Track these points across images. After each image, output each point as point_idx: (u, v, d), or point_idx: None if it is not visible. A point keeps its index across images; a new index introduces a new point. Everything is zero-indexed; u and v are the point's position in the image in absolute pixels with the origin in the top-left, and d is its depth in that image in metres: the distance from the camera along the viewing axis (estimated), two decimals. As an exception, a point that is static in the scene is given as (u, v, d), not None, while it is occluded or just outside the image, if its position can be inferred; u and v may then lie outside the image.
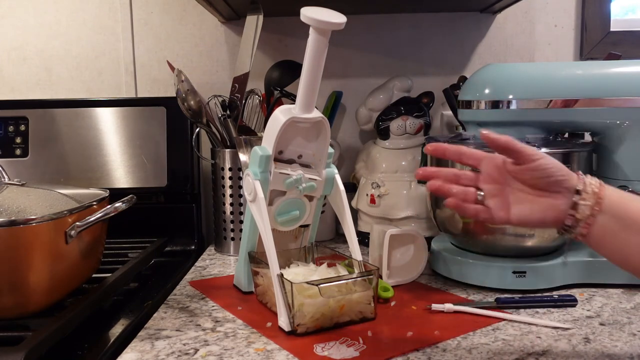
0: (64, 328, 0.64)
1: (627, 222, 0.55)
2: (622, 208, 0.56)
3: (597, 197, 0.56)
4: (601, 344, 0.63)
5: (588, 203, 0.56)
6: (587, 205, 0.56)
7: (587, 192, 0.57)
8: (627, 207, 0.56)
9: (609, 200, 0.56)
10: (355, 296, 0.69)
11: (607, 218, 0.56)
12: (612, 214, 0.56)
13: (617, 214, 0.56)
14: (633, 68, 0.81)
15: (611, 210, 0.56)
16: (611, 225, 0.56)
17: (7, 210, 0.67)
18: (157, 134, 1.09)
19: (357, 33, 1.19)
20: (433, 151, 0.64)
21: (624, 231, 0.55)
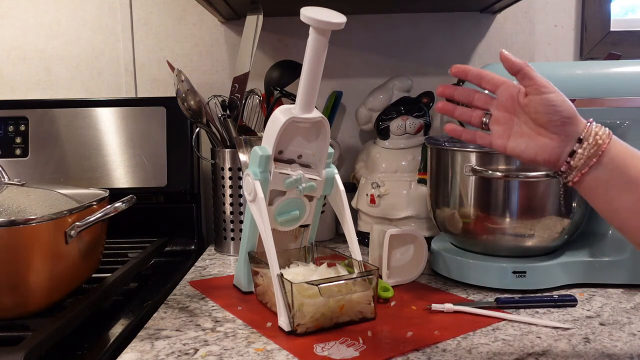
0: (64, 328, 0.64)
1: (623, 179, 0.55)
2: (623, 164, 0.55)
3: (598, 149, 0.55)
4: (601, 344, 0.63)
5: (586, 154, 0.55)
6: (584, 156, 0.56)
7: (588, 142, 0.55)
8: (627, 164, 0.55)
9: (610, 155, 0.55)
10: (355, 296, 0.69)
11: (604, 171, 0.55)
12: (611, 167, 0.55)
13: (616, 169, 0.55)
14: (633, 68, 0.81)
15: (610, 164, 0.55)
16: (606, 178, 0.55)
17: (7, 210, 0.67)
18: (157, 134, 1.09)
19: (357, 33, 1.19)
20: (456, 72, 0.63)
21: (617, 187, 0.55)
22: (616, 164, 0.55)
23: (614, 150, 0.55)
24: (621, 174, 0.55)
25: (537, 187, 0.79)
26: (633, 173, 0.54)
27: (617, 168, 0.55)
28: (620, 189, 0.55)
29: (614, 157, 0.55)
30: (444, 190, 0.86)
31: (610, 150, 0.55)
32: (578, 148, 0.56)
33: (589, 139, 0.56)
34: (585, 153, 0.56)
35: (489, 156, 0.80)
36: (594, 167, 0.55)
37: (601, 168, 0.55)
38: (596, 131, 0.56)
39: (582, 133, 0.56)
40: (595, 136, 0.56)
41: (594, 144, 0.55)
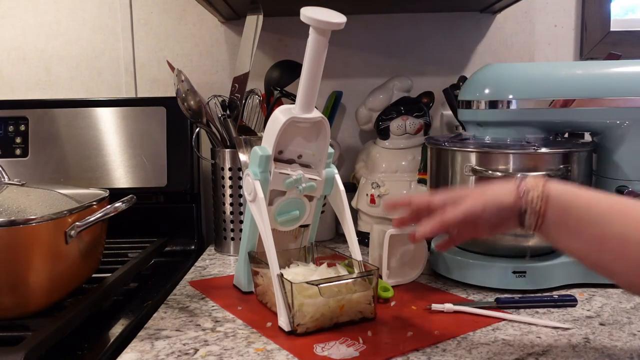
0: (64, 328, 0.64)
1: (570, 231, 0.57)
2: (562, 217, 0.57)
3: (540, 213, 0.57)
4: (601, 344, 0.63)
5: (532, 220, 0.58)
6: (531, 222, 0.58)
7: (530, 209, 0.58)
8: (565, 215, 0.57)
9: (551, 212, 0.57)
10: (355, 296, 0.69)
11: (552, 227, 0.57)
12: (555, 222, 0.57)
13: (560, 222, 0.57)
14: (633, 68, 0.81)
15: (554, 219, 0.57)
16: (557, 232, 0.57)
17: (7, 210, 0.67)
18: (157, 134, 1.09)
19: (357, 33, 1.19)
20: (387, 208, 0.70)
21: (567, 238, 0.57)
22: (555, 221, 0.57)
23: (551, 210, 0.57)
24: (561, 233, 0.57)
25: (537, 187, 0.79)
26: (571, 227, 0.56)
27: (556, 224, 0.57)
28: (569, 240, 0.57)
29: (552, 216, 0.57)
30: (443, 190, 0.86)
31: (548, 210, 0.57)
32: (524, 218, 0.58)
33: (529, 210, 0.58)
34: (530, 217, 0.58)
35: (489, 156, 0.80)
36: (543, 224, 0.57)
37: (549, 225, 0.57)
38: (532, 197, 0.57)
39: (522, 207, 0.58)
40: (532, 202, 0.57)
41: (532, 210, 0.57)
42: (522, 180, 0.59)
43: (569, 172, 0.80)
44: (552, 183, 0.58)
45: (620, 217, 0.53)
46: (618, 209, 0.54)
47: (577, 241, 0.56)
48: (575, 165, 0.81)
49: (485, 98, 0.82)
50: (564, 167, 0.79)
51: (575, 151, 0.81)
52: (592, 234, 0.55)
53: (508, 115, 0.81)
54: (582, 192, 0.57)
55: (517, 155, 0.79)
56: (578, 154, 0.81)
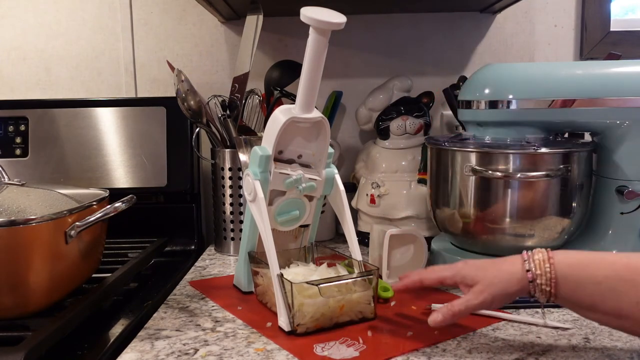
0: (64, 328, 0.64)
1: (581, 310, 0.58)
2: (573, 296, 0.57)
3: (550, 294, 0.58)
4: (601, 344, 0.63)
5: (543, 299, 0.58)
6: (542, 300, 0.59)
7: (540, 292, 0.58)
8: (577, 298, 0.57)
9: (562, 292, 0.57)
10: (355, 296, 0.69)
11: (567, 304, 0.58)
12: (568, 300, 0.58)
13: (573, 300, 0.57)
14: (633, 68, 0.81)
15: (567, 297, 0.57)
16: (572, 307, 0.58)
17: (7, 210, 0.67)
18: (157, 134, 1.09)
19: (357, 33, 1.19)
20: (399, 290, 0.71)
21: (584, 311, 0.58)
22: (568, 298, 0.57)
23: (562, 291, 0.57)
24: (577, 307, 0.58)
25: (537, 187, 0.79)
26: (585, 303, 0.57)
27: (570, 301, 0.58)
28: (583, 312, 0.58)
29: (564, 295, 0.57)
30: (444, 190, 0.86)
31: (559, 292, 0.57)
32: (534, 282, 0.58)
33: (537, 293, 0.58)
34: (542, 298, 0.59)
35: (489, 156, 0.80)
36: (557, 294, 0.58)
37: (562, 297, 0.58)
38: (540, 283, 0.58)
39: (531, 292, 0.59)
40: (542, 287, 0.58)
41: (543, 292, 0.58)
42: (529, 261, 0.59)
43: (569, 172, 0.80)
44: (559, 262, 0.57)
45: (632, 285, 0.53)
46: (628, 277, 0.54)
47: (594, 314, 0.57)
48: (575, 165, 0.81)
49: (485, 98, 0.82)
50: (564, 167, 0.79)
51: (575, 151, 0.81)
52: (607, 307, 0.55)
53: (508, 115, 0.81)
54: (590, 265, 0.56)
55: (517, 155, 0.79)
56: (578, 154, 0.81)
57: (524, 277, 0.58)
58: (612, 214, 0.83)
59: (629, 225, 0.81)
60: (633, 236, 0.81)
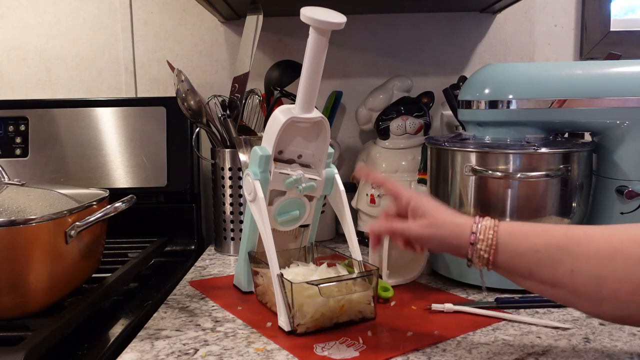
0: (64, 328, 0.64)
1: (518, 278, 0.58)
2: (511, 264, 0.57)
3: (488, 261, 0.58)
4: (601, 344, 0.63)
5: (479, 265, 0.59)
6: (479, 266, 0.59)
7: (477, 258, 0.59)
8: (514, 265, 0.57)
9: (500, 260, 0.58)
10: (355, 296, 0.69)
11: (503, 272, 0.59)
12: (505, 268, 0.58)
13: (510, 268, 0.58)
14: (633, 68, 0.81)
15: (504, 266, 0.58)
16: (509, 275, 0.59)
17: (7, 210, 0.67)
18: (157, 134, 1.09)
19: (357, 33, 1.19)
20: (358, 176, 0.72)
21: (520, 280, 0.58)
22: (506, 267, 0.58)
23: (500, 258, 0.58)
24: (514, 275, 0.58)
25: (537, 187, 0.79)
26: (522, 272, 0.57)
27: (508, 269, 0.58)
28: (520, 280, 0.58)
29: (502, 263, 0.58)
30: (444, 190, 0.86)
31: (497, 259, 0.58)
32: (475, 246, 0.59)
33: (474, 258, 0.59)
34: (478, 263, 0.59)
35: (489, 156, 0.80)
36: (494, 262, 0.58)
37: (498, 265, 0.58)
38: (479, 248, 0.58)
39: (468, 254, 0.59)
40: (480, 252, 0.58)
41: (481, 258, 0.59)
42: (477, 225, 0.59)
43: (569, 172, 0.80)
44: (502, 230, 0.58)
45: (568, 254, 0.54)
46: (565, 246, 0.54)
47: (530, 282, 0.57)
48: (575, 165, 0.81)
49: (485, 98, 0.82)
50: (564, 167, 0.79)
51: (575, 151, 0.81)
52: (543, 276, 0.55)
53: (508, 115, 0.81)
54: (530, 234, 0.57)
55: (517, 155, 0.79)
56: (578, 154, 0.81)
57: (467, 237, 0.59)
58: (612, 214, 0.82)
59: (629, 225, 0.81)
60: (633, 236, 0.81)
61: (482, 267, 0.59)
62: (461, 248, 0.60)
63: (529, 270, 0.56)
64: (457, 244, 0.60)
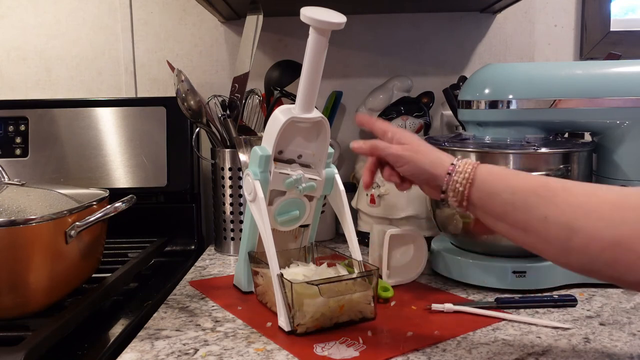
0: (64, 328, 0.64)
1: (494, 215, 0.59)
2: (486, 204, 0.59)
3: (461, 196, 0.60)
4: (601, 344, 0.63)
5: (453, 199, 0.61)
6: (453, 200, 0.61)
7: (453, 191, 0.60)
8: (490, 203, 0.58)
9: (473, 199, 0.59)
10: (355, 296, 0.69)
11: (477, 210, 0.60)
12: (478, 206, 0.59)
13: (482, 208, 0.59)
14: (633, 68, 0.81)
15: (476, 204, 0.59)
16: (482, 215, 0.60)
17: (7, 210, 0.67)
18: (157, 134, 1.09)
19: (357, 33, 1.19)
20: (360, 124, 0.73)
21: (489, 219, 0.59)
22: (480, 205, 0.59)
23: (476, 194, 0.59)
24: (486, 215, 0.60)
25: (537, 187, 0.79)
26: (496, 212, 0.58)
27: (482, 207, 0.59)
28: (492, 221, 0.59)
29: (477, 200, 0.59)
30: (444, 190, 0.86)
31: (472, 194, 0.59)
32: (451, 177, 0.61)
33: (449, 191, 0.61)
34: (453, 198, 0.61)
35: (489, 156, 0.80)
36: (469, 198, 0.60)
37: (472, 203, 0.60)
38: (455, 180, 0.60)
39: (443, 186, 0.61)
40: (455, 184, 0.60)
41: (455, 192, 0.60)
42: (458, 159, 0.61)
43: (569, 172, 0.80)
44: (482, 168, 0.59)
45: (545, 202, 0.54)
46: (543, 194, 0.55)
47: (503, 224, 0.57)
48: (575, 165, 0.81)
49: (485, 98, 0.82)
50: (564, 167, 0.79)
51: (575, 151, 0.81)
52: (516, 218, 0.56)
53: (508, 115, 0.81)
54: (509, 176, 0.58)
55: (517, 155, 0.79)
56: (578, 154, 0.81)
57: (445, 167, 0.61)
58: (612, 214, 0.82)
59: (629, 225, 0.81)
60: (633, 236, 0.81)
61: (456, 203, 0.60)
62: (437, 178, 0.61)
63: (503, 211, 0.57)
64: (434, 173, 0.62)
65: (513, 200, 0.56)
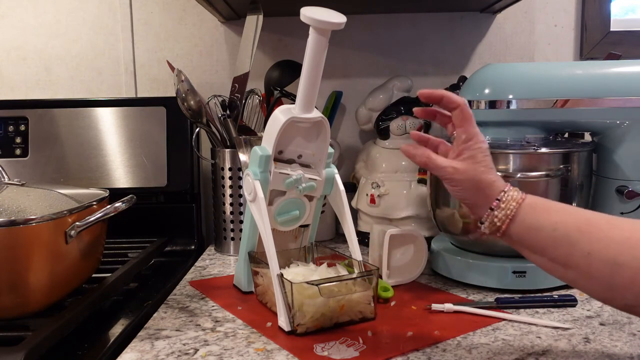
0: (64, 328, 0.64)
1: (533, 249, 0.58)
2: (526, 238, 0.57)
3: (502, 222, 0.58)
4: (601, 344, 0.63)
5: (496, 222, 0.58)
6: (493, 224, 0.59)
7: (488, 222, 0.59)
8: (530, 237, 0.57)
9: (514, 229, 0.58)
10: (355, 296, 0.69)
11: (515, 243, 0.59)
12: (516, 238, 0.58)
13: (523, 240, 0.58)
14: (633, 68, 0.81)
15: (515, 235, 0.58)
16: (520, 247, 0.59)
17: (7, 210, 0.67)
18: (157, 134, 1.09)
19: (357, 33, 1.19)
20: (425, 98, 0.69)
21: (531, 254, 0.58)
22: (518, 238, 0.58)
23: (513, 229, 0.58)
24: (525, 249, 0.58)
25: (537, 187, 0.79)
26: (536, 247, 0.57)
27: (519, 241, 0.58)
28: (528, 253, 0.59)
29: (514, 234, 0.58)
30: (444, 190, 0.86)
31: (510, 229, 0.58)
32: (493, 212, 0.59)
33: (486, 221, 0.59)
34: (487, 229, 0.59)
35: (489, 156, 0.80)
36: (506, 232, 0.58)
37: (509, 235, 0.58)
38: (495, 214, 0.58)
39: (482, 218, 0.59)
40: (494, 219, 0.58)
41: (492, 224, 0.59)
42: (506, 193, 0.59)
43: (569, 172, 0.80)
44: (526, 204, 0.58)
45: (588, 237, 0.53)
46: (586, 229, 0.54)
47: (541, 258, 0.57)
48: (575, 165, 0.81)
49: (485, 98, 0.82)
50: (564, 167, 0.79)
51: (575, 151, 0.81)
52: (556, 254, 0.55)
53: (508, 115, 0.81)
54: (551, 211, 0.57)
55: (517, 155, 0.79)
56: (578, 154, 0.81)
57: (490, 201, 0.59)
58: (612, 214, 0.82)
59: (629, 225, 0.81)
60: (633, 236, 0.81)
61: (489, 233, 0.59)
62: (480, 207, 0.60)
63: (543, 247, 0.56)
64: (477, 204, 0.60)
65: (554, 236, 0.55)
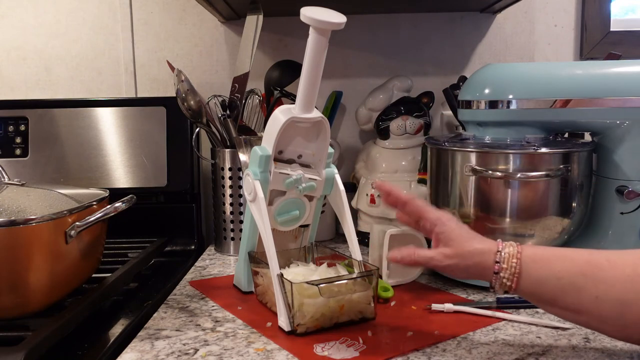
0: (64, 328, 0.64)
1: (540, 303, 0.59)
2: (535, 291, 0.58)
3: (511, 288, 0.59)
4: (601, 343, 0.63)
5: (506, 282, 0.59)
6: (503, 284, 0.59)
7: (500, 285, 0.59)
8: (539, 292, 0.58)
9: (523, 286, 0.58)
10: (355, 296, 0.69)
11: (527, 297, 0.59)
12: (528, 294, 0.59)
13: (533, 295, 0.58)
14: (633, 68, 0.81)
15: (527, 292, 0.59)
16: (532, 301, 0.59)
17: (7, 210, 0.67)
18: (157, 134, 1.09)
19: (357, 33, 1.19)
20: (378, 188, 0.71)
21: (543, 305, 0.59)
22: (529, 293, 0.59)
23: (523, 286, 0.58)
24: (536, 301, 0.59)
25: (537, 187, 0.80)
26: (546, 298, 0.57)
27: (531, 295, 0.59)
28: (542, 306, 0.59)
29: (524, 290, 0.58)
30: (444, 190, 0.86)
31: (520, 286, 0.58)
32: (498, 275, 0.59)
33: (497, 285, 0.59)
34: (499, 289, 0.60)
35: (489, 156, 0.80)
36: (517, 288, 0.59)
37: (521, 290, 0.59)
38: (502, 276, 0.58)
39: (491, 282, 0.60)
40: (503, 280, 0.59)
41: (503, 286, 0.59)
42: (501, 253, 0.59)
43: (569, 172, 0.80)
44: (525, 258, 0.58)
45: (592, 280, 0.54)
46: (589, 272, 0.55)
47: (554, 308, 0.58)
48: (575, 165, 0.81)
49: (485, 98, 0.82)
50: (564, 167, 0.79)
51: (575, 151, 0.81)
52: (567, 302, 0.56)
53: (508, 115, 0.81)
54: (552, 260, 0.57)
55: (517, 155, 0.79)
56: (578, 154, 0.81)
57: (490, 266, 0.59)
58: (612, 214, 0.83)
59: (629, 225, 0.81)
60: (633, 236, 0.81)
61: (503, 292, 0.59)
62: (485, 276, 0.60)
63: (552, 297, 0.56)
64: (481, 274, 0.60)
65: (561, 285, 0.55)
